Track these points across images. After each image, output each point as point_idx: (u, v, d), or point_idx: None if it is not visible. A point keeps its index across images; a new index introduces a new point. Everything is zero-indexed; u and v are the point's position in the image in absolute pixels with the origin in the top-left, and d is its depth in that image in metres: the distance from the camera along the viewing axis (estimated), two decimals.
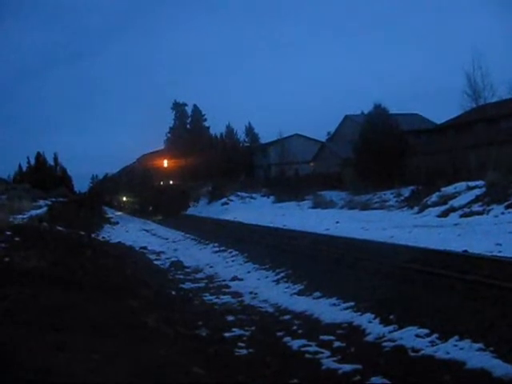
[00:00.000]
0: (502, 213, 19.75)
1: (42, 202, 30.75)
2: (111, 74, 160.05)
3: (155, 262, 16.02)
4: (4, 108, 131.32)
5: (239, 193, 49.81)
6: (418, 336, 6.65)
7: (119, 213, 43.87)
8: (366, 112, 43.45)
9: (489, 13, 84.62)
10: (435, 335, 6.53)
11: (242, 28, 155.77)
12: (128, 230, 28.92)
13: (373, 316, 7.78)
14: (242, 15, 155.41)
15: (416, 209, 25.86)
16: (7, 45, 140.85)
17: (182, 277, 13.30)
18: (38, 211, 24.01)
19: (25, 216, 20.08)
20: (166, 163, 48.55)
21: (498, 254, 11.63)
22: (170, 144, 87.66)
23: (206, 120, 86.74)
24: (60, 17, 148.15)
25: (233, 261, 15.07)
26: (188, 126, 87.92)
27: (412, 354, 6.22)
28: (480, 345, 5.93)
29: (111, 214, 42.29)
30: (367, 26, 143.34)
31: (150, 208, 44.38)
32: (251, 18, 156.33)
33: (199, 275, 13.49)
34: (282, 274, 11.94)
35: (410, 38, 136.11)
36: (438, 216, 22.57)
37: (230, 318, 8.76)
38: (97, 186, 76.15)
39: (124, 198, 52.87)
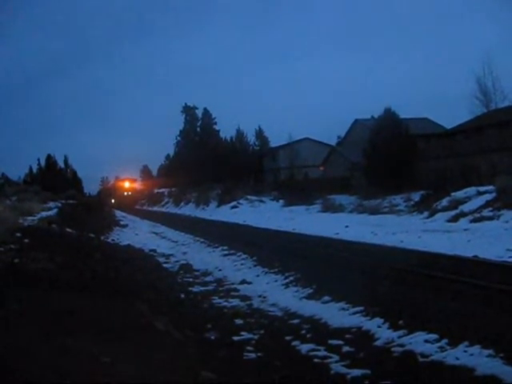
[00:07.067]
0: None
1: (52, 204, 30.86)
2: (121, 78, 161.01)
3: (164, 265, 16.02)
4: (15, 111, 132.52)
5: (249, 196, 49.75)
6: (427, 341, 6.61)
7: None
8: (375, 116, 43.41)
9: (499, 17, 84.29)
10: (445, 341, 6.49)
11: (253, 32, 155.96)
12: (137, 233, 28.95)
13: (382, 321, 7.74)
14: (252, 19, 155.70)
15: (426, 213, 25.73)
16: (18, 49, 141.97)
17: (190, 280, 13.30)
18: (48, 213, 24.11)
19: (35, 218, 20.17)
20: (127, 183, 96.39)
21: (509, 260, 11.59)
22: (180, 147, 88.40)
23: (216, 123, 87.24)
24: (69, 20, 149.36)
25: (242, 264, 15.04)
26: (198, 129, 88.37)
27: (421, 359, 6.18)
28: (490, 351, 5.89)
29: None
30: (378, 30, 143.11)
31: (119, 205, 75.55)
32: (261, 23, 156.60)
33: (208, 278, 13.48)
34: (291, 278, 11.91)
35: (420, 43, 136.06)
36: (448, 221, 22.45)
37: (239, 321, 8.75)
38: (104, 190, 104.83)
39: (112, 200, 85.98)
